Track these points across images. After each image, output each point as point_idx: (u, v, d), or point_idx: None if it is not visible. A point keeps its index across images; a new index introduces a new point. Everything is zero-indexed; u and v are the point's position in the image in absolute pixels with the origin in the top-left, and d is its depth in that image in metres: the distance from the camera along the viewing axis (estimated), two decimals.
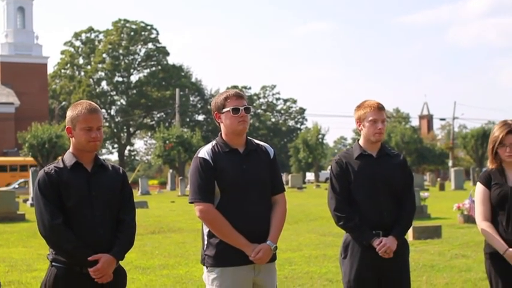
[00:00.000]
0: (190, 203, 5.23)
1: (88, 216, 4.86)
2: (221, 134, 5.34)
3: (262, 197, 5.25)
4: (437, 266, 11.92)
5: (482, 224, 5.71)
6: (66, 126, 5.00)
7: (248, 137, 5.40)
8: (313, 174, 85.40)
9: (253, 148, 5.34)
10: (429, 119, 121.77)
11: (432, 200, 27.36)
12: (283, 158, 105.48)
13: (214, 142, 5.34)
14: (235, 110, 5.17)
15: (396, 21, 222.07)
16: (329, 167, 6.20)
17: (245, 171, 5.19)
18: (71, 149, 5.03)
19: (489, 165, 5.87)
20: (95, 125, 4.93)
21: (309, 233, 18.38)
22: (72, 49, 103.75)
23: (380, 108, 5.76)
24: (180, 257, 13.71)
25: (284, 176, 65.23)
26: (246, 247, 5.09)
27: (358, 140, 5.90)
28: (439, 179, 64.86)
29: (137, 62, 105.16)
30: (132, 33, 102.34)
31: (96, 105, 5.04)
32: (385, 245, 5.51)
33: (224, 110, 5.21)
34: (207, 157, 5.19)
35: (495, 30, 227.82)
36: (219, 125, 5.34)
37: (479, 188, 5.80)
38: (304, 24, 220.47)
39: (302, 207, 27.77)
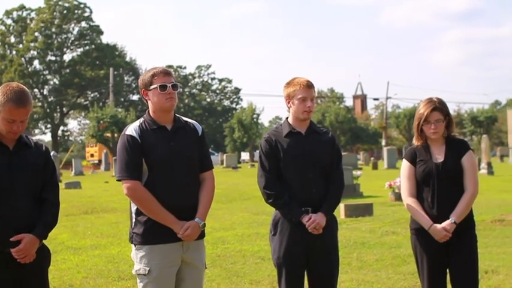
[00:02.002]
0: (117, 180, 5.19)
1: (10, 195, 4.79)
2: (149, 111, 5.31)
3: (190, 174, 5.24)
4: (368, 243, 12.08)
5: (407, 199, 5.81)
6: None
7: (176, 114, 5.38)
8: (248, 153, 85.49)
9: (181, 125, 5.33)
10: (363, 99, 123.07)
11: (365, 179, 27.68)
12: (218, 137, 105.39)
13: (141, 119, 5.30)
14: (163, 87, 5.15)
15: (330, 1, 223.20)
16: None
17: (173, 148, 5.17)
18: None
19: (414, 142, 5.96)
20: (19, 118, 4.82)
21: (242, 211, 18.46)
22: (3, 27, 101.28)
23: (309, 86, 5.78)
24: (113, 237, 13.63)
25: (219, 156, 65.33)
26: (174, 224, 5.09)
27: (287, 118, 5.92)
28: (372, 158, 65.50)
29: (70, 41, 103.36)
30: (65, 12, 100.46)
31: (26, 96, 4.84)
32: (314, 221, 5.56)
33: (151, 87, 5.18)
34: (135, 134, 5.16)
35: (427, 11, 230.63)
36: (147, 102, 5.30)
37: (405, 164, 5.90)
38: (237, 4, 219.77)
39: (236, 186, 27.83)
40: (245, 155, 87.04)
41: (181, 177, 5.16)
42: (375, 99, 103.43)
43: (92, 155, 79.73)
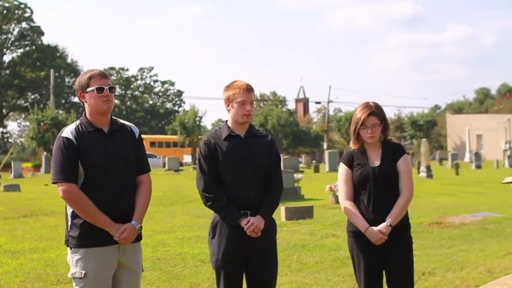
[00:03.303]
0: (53, 183, 5.15)
1: None
2: (85, 113, 5.28)
3: (127, 177, 5.23)
4: (307, 246, 12.16)
5: (344, 203, 5.88)
6: None
7: (113, 117, 5.36)
8: (190, 156, 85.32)
9: (118, 128, 5.31)
10: (305, 102, 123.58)
11: (306, 182, 27.86)
12: None
13: (78, 122, 5.28)
14: (100, 90, 5.12)
15: (273, 4, 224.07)
16: None
17: (109, 151, 5.16)
18: None
19: (351, 145, 6.04)
20: None
21: (183, 214, 18.41)
22: None
23: (249, 89, 5.80)
24: (52, 240, 13.47)
25: (161, 158, 64.94)
26: (110, 227, 5.08)
27: (227, 121, 5.94)
28: (314, 161, 65.89)
29: (10, 42, 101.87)
30: (5, 12, 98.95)
31: None
32: (252, 224, 5.58)
33: (88, 89, 5.15)
34: (71, 137, 5.13)
35: (370, 16, 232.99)
36: (83, 104, 5.27)
37: (342, 168, 5.96)
38: (181, 6, 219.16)
39: (178, 189, 27.77)
40: (187, 158, 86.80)
41: (117, 180, 5.14)
42: (317, 102, 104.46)
43: None
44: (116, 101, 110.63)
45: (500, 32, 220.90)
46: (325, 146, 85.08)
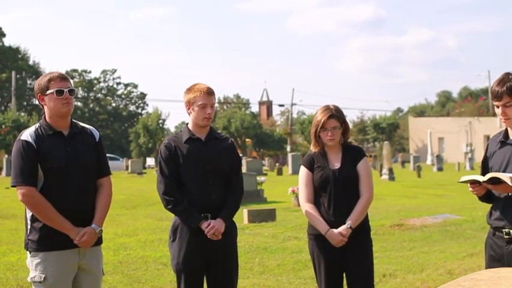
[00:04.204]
0: (12, 186, 5.12)
1: None
2: (45, 116, 5.24)
3: (87, 180, 5.22)
4: (270, 248, 12.18)
5: (305, 205, 5.91)
6: None
7: (73, 120, 5.34)
8: (153, 159, 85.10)
9: (78, 131, 5.29)
10: (269, 105, 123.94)
11: (269, 185, 27.88)
12: (123, 143, 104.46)
13: (37, 124, 5.24)
14: (59, 92, 5.09)
15: (237, 7, 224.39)
16: None
17: (69, 154, 5.13)
18: None
19: (312, 148, 6.07)
20: None
21: (146, 217, 18.36)
22: None
23: (209, 93, 5.82)
24: (12, 244, 13.33)
25: (124, 161, 64.69)
26: (70, 231, 5.05)
27: (187, 124, 5.94)
28: (277, 164, 66.01)
29: None
30: None
31: None
32: (213, 227, 5.60)
33: (48, 92, 5.11)
34: (30, 140, 5.09)
35: (333, 20, 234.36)
36: (43, 107, 5.24)
37: (303, 171, 5.99)
38: (145, 8, 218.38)
39: (141, 192, 27.63)
40: (150, 161, 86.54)
41: (77, 183, 5.12)
42: (281, 105, 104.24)
43: None
44: (79, 104, 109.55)
45: (461, 35, 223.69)
46: (288, 149, 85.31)
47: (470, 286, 3.06)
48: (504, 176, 4.79)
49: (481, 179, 4.96)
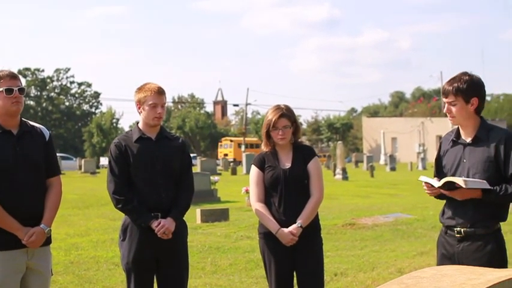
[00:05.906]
0: None
1: None
2: None
3: (36, 180, 5.18)
4: (222, 248, 12.19)
5: (256, 204, 5.92)
6: None
7: (23, 119, 5.30)
8: (107, 158, 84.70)
9: (28, 130, 5.25)
10: (223, 104, 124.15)
11: (223, 184, 27.91)
12: (77, 142, 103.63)
13: None
14: (9, 91, 5.05)
15: (192, 7, 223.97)
16: None
17: (18, 153, 5.09)
18: None
19: (263, 148, 6.10)
20: None
21: (98, 217, 18.26)
22: None
23: (160, 92, 5.81)
24: None
25: (77, 161, 64.17)
26: (18, 231, 5.01)
27: (138, 123, 5.93)
28: (231, 164, 66.04)
29: None
30: None
31: None
32: (163, 226, 5.60)
33: None
34: None
35: (288, 19, 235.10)
36: None
37: (254, 170, 6.00)
38: (99, 6, 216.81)
39: (94, 191, 27.48)
40: (104, 160, 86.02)
41: (26, 183, 5.08)
42: (235, 105, 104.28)
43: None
44: (31, 103, 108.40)
45: (415, 36, 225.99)
46: (242, 148, 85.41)
47: (413, 283, 3.11)
48: (458, 180, 4.87)
49: (437, 184, 5.03)
